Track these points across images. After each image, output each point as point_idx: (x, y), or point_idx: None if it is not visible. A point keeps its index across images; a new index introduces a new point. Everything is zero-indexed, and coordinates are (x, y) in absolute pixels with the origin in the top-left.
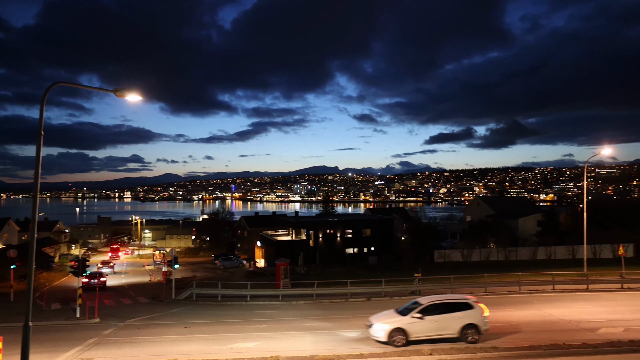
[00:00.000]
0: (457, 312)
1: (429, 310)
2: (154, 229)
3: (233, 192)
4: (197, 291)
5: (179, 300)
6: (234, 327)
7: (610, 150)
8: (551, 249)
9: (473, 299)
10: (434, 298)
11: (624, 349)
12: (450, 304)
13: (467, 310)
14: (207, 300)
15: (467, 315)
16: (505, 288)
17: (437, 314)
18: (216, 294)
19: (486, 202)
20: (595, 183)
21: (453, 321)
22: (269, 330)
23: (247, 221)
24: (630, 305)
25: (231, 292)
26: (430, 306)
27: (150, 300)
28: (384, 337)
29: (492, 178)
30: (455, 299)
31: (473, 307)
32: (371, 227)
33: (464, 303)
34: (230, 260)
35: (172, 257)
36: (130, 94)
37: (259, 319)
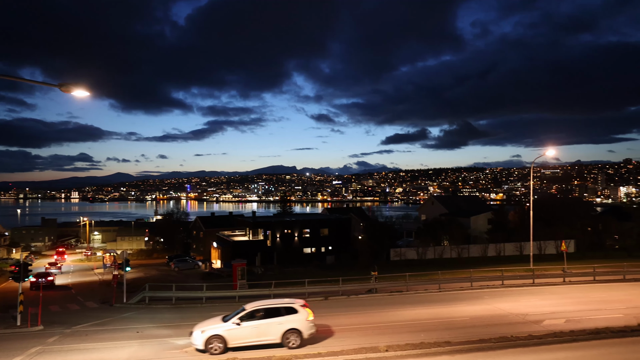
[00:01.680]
0: (280, 317)
1: (251, 315)
2: (103, 231)
3: (188, 192)
4: (150, 294)
5: (131, 304)
6: (189, 330)
7: (553, 152)
8: (500, 245)
9: (300, 303)
10: (258, 303)
11: (565, 339)
12: (274, 309)
13: (292, 315)
14: (161, 304)
15: (291, 320)
16: (458, 284)
17: (258, 320)
18: (170, 297)
19: (440, 201)
20: (540, 183)
21: (275, 326)
22: None
23: (203, 222)
24: (571, 298)
25: (186, 295)
26: (252, 312)
27: (99, 305)
28: (202, 345)
29: (446, 178)
30: (280, 304)
31: (298, 312)
32: (329, 227)
33: (288, 308)
34: (185, 262)
35: (123, 259)
36: (77, 89)
37: None
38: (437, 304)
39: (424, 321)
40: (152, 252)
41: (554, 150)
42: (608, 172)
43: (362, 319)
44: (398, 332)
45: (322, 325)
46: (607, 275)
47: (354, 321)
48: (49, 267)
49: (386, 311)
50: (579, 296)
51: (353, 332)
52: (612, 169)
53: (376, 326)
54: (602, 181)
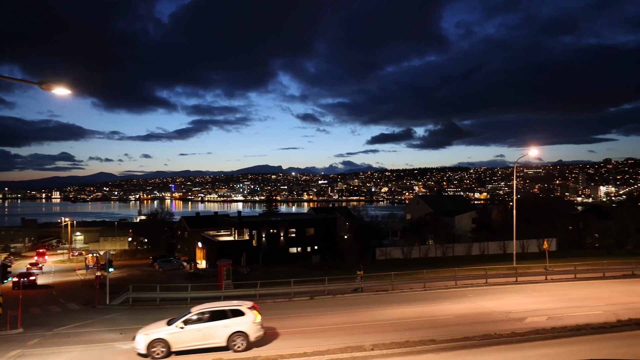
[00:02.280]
0: (227, 319)
1: (197, 319)
2: (86, 231)
3: (173, 191)
4: (133, 295)
5: (114, 305)
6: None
7: (536, 152)
8: (484, 244)
9: (248, 305)
10: (206, 306)
11: (547, 336)
12: (220, 312)
13: (238, 317)
14: (145, 305)
15: (236, 322)
16: (443, 283)
17: (204, 323)
18: (155, 298)
19: (425, 200)
20: (523, 182)
21: (220, 329)
22: None
23: (188, 222)
24: (553, 295)
25: (171, 295)
26: (198, 315)
27: (81, 306)
28: (144, 349)
29: (431, 177)
30: (226, 306)
31: (245, 314)
32: (314, 227)
33: (235, 310)
34: (169, 262)
35: (106, 260)
36: (58, 87)
37: None
38: (422, 303)
39: (409, 320)
40: (136, 253)
41: (537, 150)
42: (588, 171)
43: (347, 318)
44: (384, 331)
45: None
46: (587, 273)
47: (337, 320)
48: (30, 267)
49: (372, 310)
50: (560, 294)
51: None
52: (593, 169)
53: (362, 325)
54: (582, 181)
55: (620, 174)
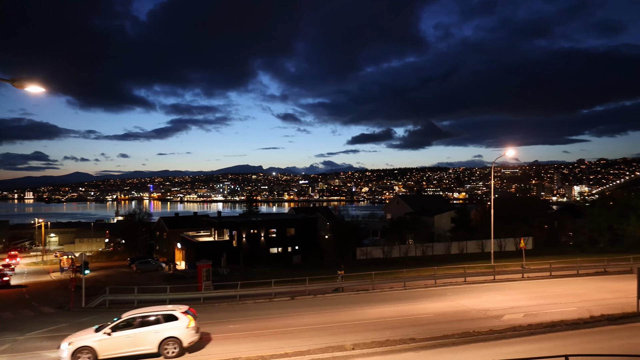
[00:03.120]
0: (158, 325)
1: (125, 324)
2: (61, 233)
3: (151, 192)
4: (110, 297)
5: (90, 308)
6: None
7: (513, 152)
8: (463, 243)
9: (182, 309)
10: (137, 311)
11: (523, 333)
12: (152, 317)
13: (171, 322)
14: (122, 307)
15: (168, 327)
16: (423, 282)
17: (133, 329)
18: (132, 300)
19: (405, 200)
20: (501, 182)
21: (151, 335)
22: None
23: (167, 222)
24: (529, 293)
25: (149, 297)
26: (128, 320)
27: (56, 310)
28: (68, 358)
29: (411, 177)
30: (158, 311)
31: (178, 319)
32: (295, 227)
33: (167, 315)
34: (148, 264)
35: (82, 262)
36: (31, 84)
37: None
38: (403, 302)
39: (389, 319)
40: (113, 254)
41: (513, 151)
42: (563, 172)
43: (328, 317)
44: (364, 330)
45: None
46: (562, 271)
47: (318, 320)
48: (2, 268)
49: (353, 310)
50: (536, 291)
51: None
52: (567, 169)
53: (342, 325)
54: (557, 180)
55: (593, 174)
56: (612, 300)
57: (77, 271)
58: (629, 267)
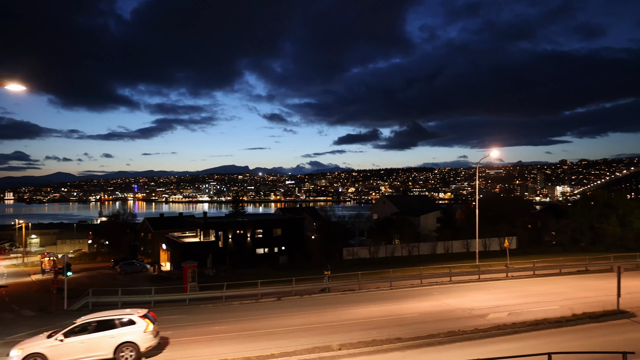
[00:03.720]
0: (114, 329)
1: (80, 330)
2: (42, 234)
3: (136, 192)
4: (93, 300)
5: (72, 310)
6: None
7: (497, 153)
8: (448, 243)
9: (141, 313)
10: (92, 316)
11: (507, 331)
12: (108, 321)
13: (128, 327)
14: (106, 309)
15: (125, 332)
16: (409, 282)
17: (87, 334)
18: (116, 302)
19: (391, 200)
20: (485, 182)
21: (107, 340)
22: (175, 337)
23: (152, 223)
24: (513, 292)
25: (133, 299)
26: (83, 325)
27: (37, 312)
28: None
29: (397, 178)
30: (115, 315)
31: (135, 323)
32: (282, 227)
33: (124, 319)
34: (132, 265)
35: (64, 263)
36: (11, 83)
37: (165, 326)
38: (389, 302)
39: (376, 319)
40: (97, 256)
41: (498, 152)
42: (546, 172)
43: (315, 318)
44: (351, 330)
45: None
46: (545, 270)
47: (305, 321)
48: None
49: (339, 310)
50: (520, 290)
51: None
52: (550, 170)
53: (329, 325)
54: (540, 181)
55: (575, 175)
56: (594, 298)
57: (59, 273)
58: (610, 266)
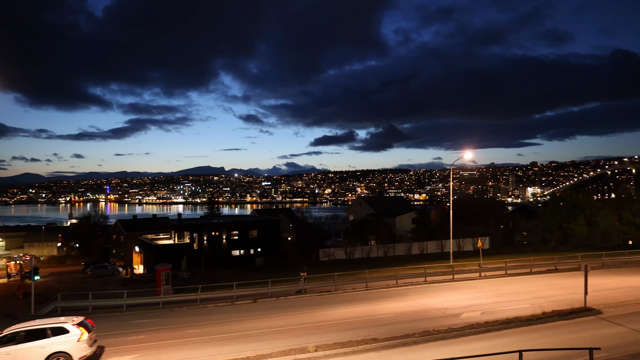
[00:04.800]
0: (45, 339)
1: (7, 340)
2: (8, 237)
3: (108, 193)
4: (62, 304)
5: (40, 315)
6: (106, 342)
7: (470, 155)
8: (423, 244)
9: (76, 321)
10: (20, 325)
11: (480, 330)
12: (38, 330)
13: (60, 336)
14: (76, 314)
15: (57, 342)
16: (384, 282)
17: (15, 344)
18: (86, 306)
19: (367, 202)
20: (459, 184)
21: (36, 350)
22: (147, 341)
23: (124, 225)
24: (486, 291)
25: (104, 303)
26: (10, 335)
27: (2, 319)
28: None
29: (373, 179)
30: (46, 324)
31: (68, 332)
32: (258, 228)
33: (57, 328)
34: (103, 268)
35: (31, 267)
36: None
37: (137, 330)
38: (365, 302)
39: (352, 320)
40: (66, 259)
41: (471, 154)
42: (517, 174)
43: (291, 320)
44: (327, 331)
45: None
46: (516, 269)
47: (281, 323)
48: None
49: (315, 311)
50: (493, 289)
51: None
52: (521, 171)
53: (305, 327)
54: (512, 182)
55: (544, 176)
56: (563, 296)
57: (26, 277)
58: (578, 265)
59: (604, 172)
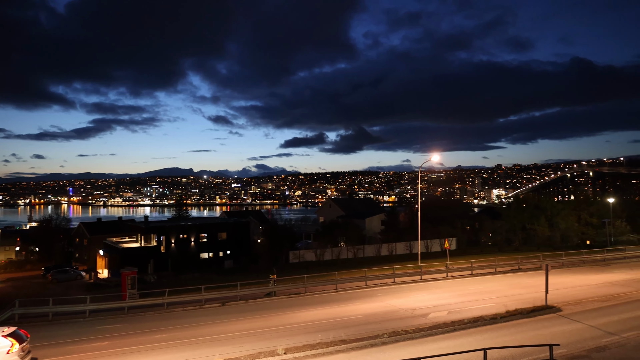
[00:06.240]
0: None
1: None
2: None
3: (71, 195)
4: (20, 311)
5: None
6: (68, 349)
7: (438, 157)
8: (393, 245)
9: (7, 331)
10: None
11: (447, 329)
12: None
13: None
14: (35, 321)
15: None
16: (354, 284)
17: None
18: (47, 312)
19: (337, 203)
20: (428, 186)
21: None
22: (111, 347)
23: (88, 228)
24: (453, 291)
25: (66, 309)
26: None
27: None
28: None
29: (343, 181)
30: None
31: None
32: (227, 231)
33: None
34: (65, 273)
35: None
36: None
37: (101, 336)
38: (334, 304)
39: (321, 321)
40: (25, 264)
41: (438, 156)
42: (483, 176)
43: (260, 322)
44: (297, 333)
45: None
46: (482, 269)
47: (250, 326)
48: None
49: (285, 314)
50: (459, 289)
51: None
52: (487, 174)
53: (275, 329)
54: (478, 184)
55: (509, 179)
56: (525, 295)
57: None
58: (539, 264)
59: (564, 175)
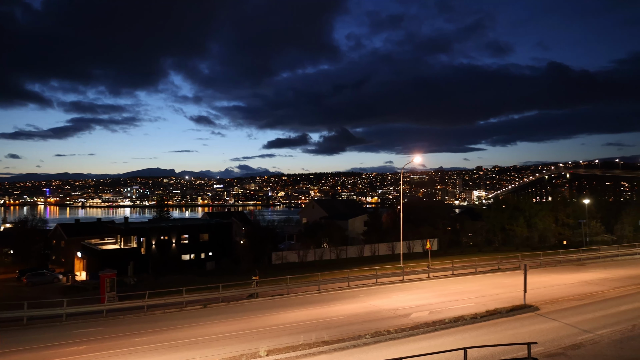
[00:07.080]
0: None
1: None
2: None
3: (47, 196)
4: None
5: None
6: (43, 354)
7: (420, 159)
8: (375, 246)
9: None
10: None
11: (429, 329)
12: None
13: None
14: (8, 326)
15: None
16: (337, 285)
17: None
18: (21, 317)
19: (320, 204)
20: (410, 187)
21: None
22: (88, 351)
23: (65, 229)
24: (434, 292)
25: (42, 313)
26: None
27: None
28: None
29: (326, 182)
30: None
31: None
32: (209, 232)
33: None
34: (41, 276)
35: None
36: None
37: (78, 340)
38: (317, 305)
39: (304, 322)
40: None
41: (421, 158)
42: (464, 177)
43: (242, 324)
44: (279, 335)
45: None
46: (463, 269)
47: (232, 328)
48: None
49: (268, 315)
50: (440, 289)
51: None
52: (467, 175)
53: (257, 331)
54: (459, 186)
55: (489, 180)
56: (505, 294)
57: None
58: (518, 264)
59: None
